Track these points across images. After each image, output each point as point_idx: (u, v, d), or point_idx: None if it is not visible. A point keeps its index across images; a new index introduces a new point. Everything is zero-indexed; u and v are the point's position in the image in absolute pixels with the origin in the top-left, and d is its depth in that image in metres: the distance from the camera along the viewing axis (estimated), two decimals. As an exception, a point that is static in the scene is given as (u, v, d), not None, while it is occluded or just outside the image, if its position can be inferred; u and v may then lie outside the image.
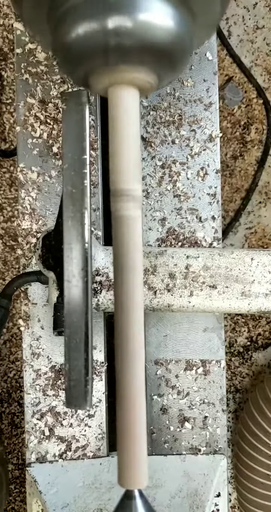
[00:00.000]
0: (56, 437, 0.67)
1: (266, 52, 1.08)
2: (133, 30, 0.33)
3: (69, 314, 0.40)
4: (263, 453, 0.87)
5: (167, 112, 0.69)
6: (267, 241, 1.08)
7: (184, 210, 0.69)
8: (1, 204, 1.05)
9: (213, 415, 0.69)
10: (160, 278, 0.60)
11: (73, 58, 0.37)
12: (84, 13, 0.34)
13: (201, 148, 0.69)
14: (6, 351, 1.05)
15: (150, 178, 0.69)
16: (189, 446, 0.68)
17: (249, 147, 1.09)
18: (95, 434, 0.67)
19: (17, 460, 1.05)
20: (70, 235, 0.41)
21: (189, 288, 0.60)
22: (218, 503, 0.68)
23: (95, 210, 0.68)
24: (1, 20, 1.05)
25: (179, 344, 0.69)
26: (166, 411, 0.69)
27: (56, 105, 0.67)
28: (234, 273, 0.60)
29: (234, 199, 1.09)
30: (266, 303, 0.60)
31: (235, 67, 1.08)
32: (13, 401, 1.05)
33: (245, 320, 1.08)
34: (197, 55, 0.69)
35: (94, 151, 0.68)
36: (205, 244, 0.68)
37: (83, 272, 0.40)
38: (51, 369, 0.67)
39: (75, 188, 0.41)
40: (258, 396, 0.91)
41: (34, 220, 0.67)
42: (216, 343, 0.69)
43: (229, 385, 1.07)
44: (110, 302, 0.60)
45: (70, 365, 0.40)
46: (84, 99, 0.41)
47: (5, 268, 1.05)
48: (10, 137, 1.06)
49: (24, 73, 0.67)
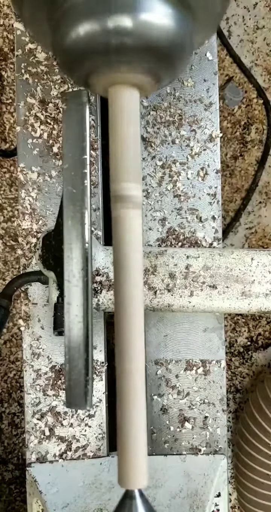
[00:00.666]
0: (56, 437, 0.67)
1: (266, 52, 1.08)
2: (133, 30, 0.33)
3: (69, 314, 0.40)
4: (263, 453, 0.87)
5: (167, 112, 0.69)
6: (267, 241, 1.08)
7: (184, 210, 0.69)
8: (2, 204, 1.05)
9: (213, 415, 0.69)
10: (160, 278, 0.60)
11: (74, 58, 0.37)
12: (84, 13, 0.34)
13: (201, 148, 0.69)
14: (6, 351, 1.05)
15: (150, 178, 0.69)
16: (189, 446, 0.68)
17: (249, 147, 1.09)
18: (96, 434, 0.67)
19: (17, 460, 1.05)
20: (70, 235, 0.41)
21: (189, 288, 0.60)
22: (218, 503, 0.68)
23: (95, 210, 0.68)
24: (1, 20, 1.05)
25: (179, 344, 0.69)
26: (166, 411, 0.69)
27: (56, 105, 0.67)
28: (234, 273, 0.60)
29: (234, 199, 1.09)
30: (266, 303, 0.60)
31: (235, 67, 1.08)
32: (13, 401, 1.05)
33: (245, 320, 1.08)
34: (197, 55, 0.69)
35: (94, 151, 0.68)
36: (205, 244, 0.68)
37: (83, 272, 0.40)
38: (51, 369, 0.67)
39: (75, 188, 0.41)
40: (258, 396, 0.91)
41: (34, 220, 0.67)
42: (216, 343, 0.69)
43: (229, 385, 1.07)
44: (110, 302, 0.60)
45: (70, 365, 0.40)
46: (84, 99, 0.41)
47: (6, 268, 1.05)
48: (10, 137, 1.06)
49: (24, 73, 0.67)
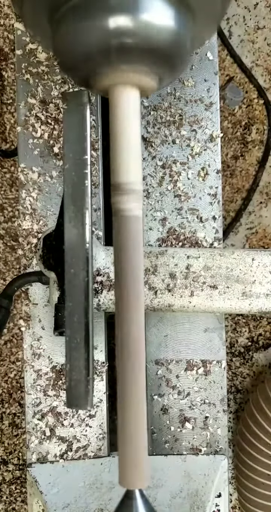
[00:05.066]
0: (57, 437, 0.67)
1: (267, 52, 1.08)
2: (134, 30, 0.33)
3: (70, 315, 0.40)
4: (264, 454, 0.87)
5: (167, 112, 0.69)
6: (268, 241, 1.08)
7: (184, 210, 0.69)
8: (2, 205, 1.05)
9: (214, 416, 0.69)
10: (160, 278, 0.60)
11: (74, 59, 0.37)
12: (85, 13, 0.34)
13: (201, 148, 0.69)
14: (7, 351, 1.05)
15: (151, 178, 0.69)
16: (190, 446, 0.68)
17: (250, 147, 1.09)
18: (96, 434, 0.67)
19: (18, 461, 1.05)
20: (71, 235, 0.41)
21: (189, 288, 0.60)
22: (218, 503, 0.68)
23: (96, 210, 0.68)
24: (1, 20, 1.05)
25: (180, 344, 0.69)
26: (167, 411, 0.69)
27: (57, 105, 0.67)
28: (235, 273, 0.60)
29: (235, 199, 1.09)
30: (267, 304, 0.60)
31: (236, 67, 1.08)
32: (14, 401, 1.05)
33: (246, 321, 1.07)
34: (198, 55, 0.69)
35: (95, 151, 0.68)
36: (205, 244, 0.68)
37: (84, 273, 0.40)
38: (52, 369, 0.67)
39: (76, 188, 0.41)
40: (259, 397, 0.91)
41: (35, 221, 0.67)
42: (217, 343, 0.69)
43: (230, 385, 1.07)
44: (111, 302, 0.60)
45: (71, 365, 0.40)
46: (85, 99, 0.41)
47: (6, 268, 1.05)
48: (11, 137, 1.06)
49: (25, 73, 0.67)
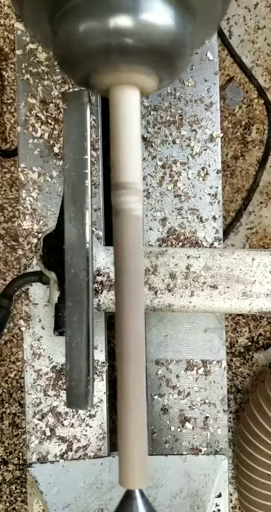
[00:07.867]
0: (57, 437, 0.67)
1: (267, 52, 1.08)
2: (134, 30, 0.33)
3: (70, 315, 0.40)
4: (264, 453, 0.87)
5: (168, 112, 0.69)
6: (268, 242, 1.08)
7: (184, 210, 0.69)
8: (2, 204, 1.05)
9: (214, 416, 0.69)
10: (160, 278, 0.60)
11: (74, 58, 0.36)
12: (85, 13, 0.34)
13: (202, 148, 0.69)
14: (7, 351, 1.05)
15: (151, 178, 0.69)
16: (190, 446, 0.68)
17: (250, 147, 1.09)
18: (96, 434, 0.67)
19: (18, 461, 1.05)
20: (71, 235, 0.41)
21: (190, 288, 0.60)
22: (219, 503, 0.67)
23: (96, 210, 0.68)
24: (2, 20, 1.05)
25: (180, 344, 0.69)
26: (167, 411, 0.69)
27: (57, 105, 0.67)
28: (235, 273, 0.60)
29: (235, 199, 1.09)
30: (267, 304, 0.60)
31: (236, 67, 1.08)
32: (14, 401, 1.05)
33: (246, 321, 1.07)
34: (198, 55, 0.69)
35: (95, 151, 0.68)
36: (206, 244, 0.68)
37: (84, 272, 0.40)
38: (52, 369, 0.67)
39: (76, 188, 0.41)
40: (259, 397, 0.91)
41: (35, 220, 0.67)
42: (217, 343, 0.69)
43: (230, 385, 1.07)
44: (111, 302, 0.60)
45: (71, 365, 0.40)
46: (85, 99, 0.41)
47: (6, 268, 1.05)
48: (11, 137, 1.06)
49: (25, 73, 0.67)
